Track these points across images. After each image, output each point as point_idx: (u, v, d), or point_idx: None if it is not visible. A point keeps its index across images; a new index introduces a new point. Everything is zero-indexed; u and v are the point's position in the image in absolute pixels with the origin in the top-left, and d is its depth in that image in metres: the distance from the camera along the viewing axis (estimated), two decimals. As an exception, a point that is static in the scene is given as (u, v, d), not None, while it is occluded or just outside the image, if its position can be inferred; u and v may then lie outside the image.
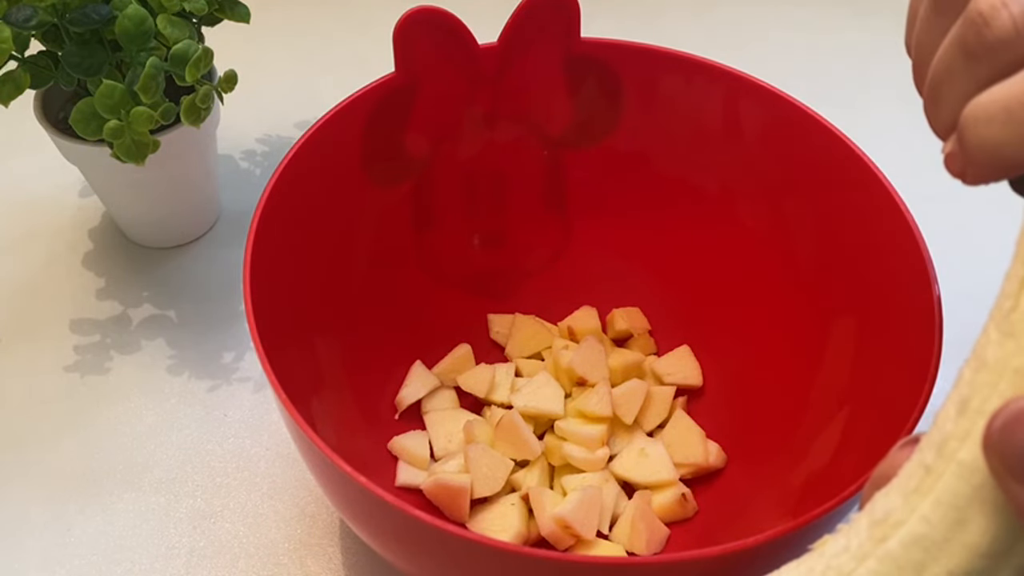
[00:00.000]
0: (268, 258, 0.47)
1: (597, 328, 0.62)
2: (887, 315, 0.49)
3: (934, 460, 0.25)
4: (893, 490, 0.26)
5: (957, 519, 0.24)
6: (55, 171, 0.68)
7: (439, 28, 0.52)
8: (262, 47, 0.79)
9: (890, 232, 0.48)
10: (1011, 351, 0.24)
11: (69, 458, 0.59)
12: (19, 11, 0.55)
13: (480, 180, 0.60)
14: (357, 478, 0.38)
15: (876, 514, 0.26)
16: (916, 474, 0.26)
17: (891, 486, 0.27)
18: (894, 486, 0.26)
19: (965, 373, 0.25)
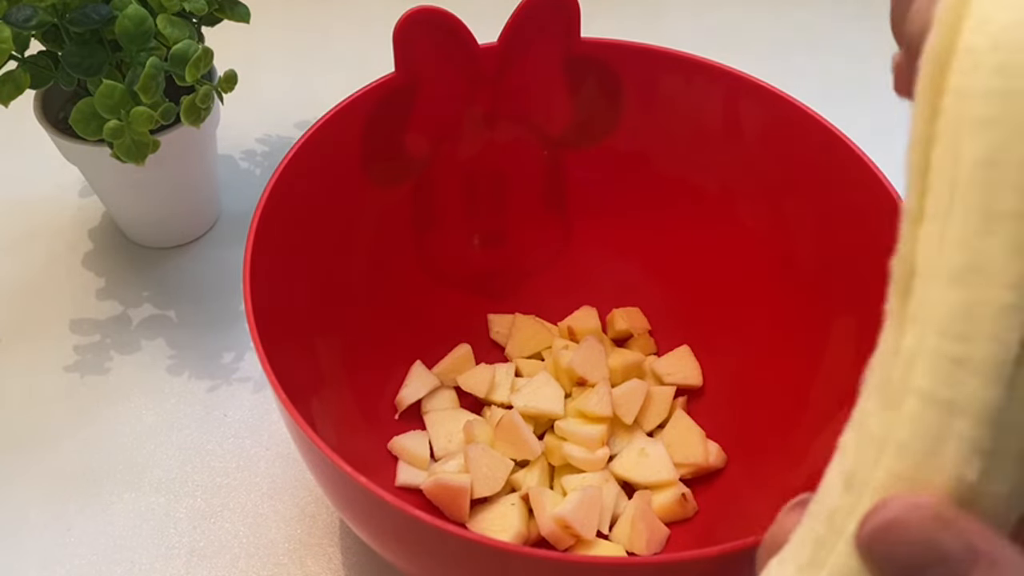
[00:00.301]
0: (268, 258, 0.47)
1: (597, 328, 0.62)
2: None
3: (825, 532, 0.24)
4: (787, 560, 0.26)
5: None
6: (55, 171, 0.68)
7: (439, 28, 0.52)
8: (262, 47, 0.79)
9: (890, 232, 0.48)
10: (892, 423, 0.23)
11: (69, 458, 0.59)
12: (19, 11, 0.55)
13: (480, 180, 0.60)
14: (357, 478, 0.38)
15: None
16: (808, 545, 0.25)
17: (785, 555, 0.26)
18: (788, 556, 0.26)
19: (848, 441, 0.25)
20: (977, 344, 0.21)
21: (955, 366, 0.21)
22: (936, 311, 0.22)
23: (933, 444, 0.22)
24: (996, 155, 0.20)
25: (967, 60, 0.21)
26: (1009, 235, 0.20)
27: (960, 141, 0.21)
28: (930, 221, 0.22)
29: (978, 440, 0.21)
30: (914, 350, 0.22)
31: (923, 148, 0.22)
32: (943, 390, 0.22)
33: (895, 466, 0.22)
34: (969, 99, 0.21)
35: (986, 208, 0.21)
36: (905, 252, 0.23)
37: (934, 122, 0.22)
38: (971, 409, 0.21)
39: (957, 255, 0.21)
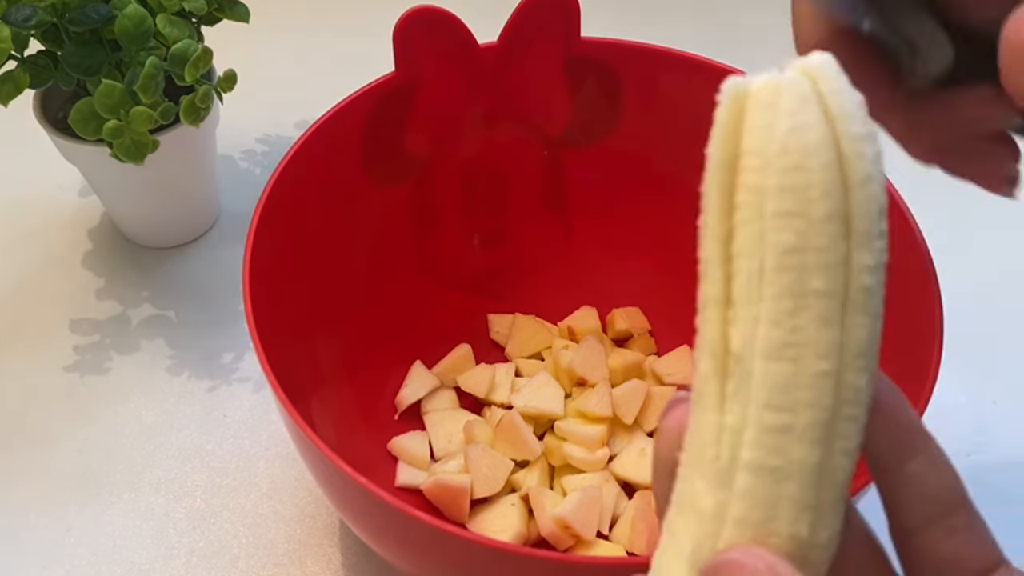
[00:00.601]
0: (268, 258, 0.47)
1: (597, 328, 0.62)
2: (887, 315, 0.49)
3: None
4: None
5: None
6: (54, 171, 0.68)
7: (439, 27, 0.52)
8: (262, 47, 0.79)
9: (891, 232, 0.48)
10: (726, 501, 0.24)
11: (68, 458, 0.59)
12: (19, 11, 0.55)
13: (480, 180, 0.60)
14: (356, 478, 0.37)
15: None
16: None
17: None
18: None
19: (676, 524, 0.25)
20: (798, 413, 0.23)
21: (780, 435, 0.23)
22: (758, 387, 0.23)
23: (767, 512, 0.23)
24: (799, 242, 0.23)
25: (756, 161, 0.23)
26: (818, 310, 0.23)
27: (763, 232, 0.23)
28: (740, 306, 0.24)
29: (805, 499, 0.23)
30: (738, 426, 0.24)
31: (721, 241, 0.24)
32: (771, 459, 0.23)
33: (736, 540, 0.24)
34: (766, 196, 0.23)
35: (796, 289, 0.23)
36: (714, 336, 0.24)
37: (730, 217, 0.24)
38: (797, 473, 0.23)
39: (774, 332, 0.23)
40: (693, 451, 0.25)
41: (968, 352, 0.63)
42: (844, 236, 0.23)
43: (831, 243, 0.23)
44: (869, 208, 0.23)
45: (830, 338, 0.23)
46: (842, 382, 0.23)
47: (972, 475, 0.61)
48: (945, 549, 0.25)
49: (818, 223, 0.23)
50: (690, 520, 0.24)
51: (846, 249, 0.23)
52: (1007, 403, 0.63)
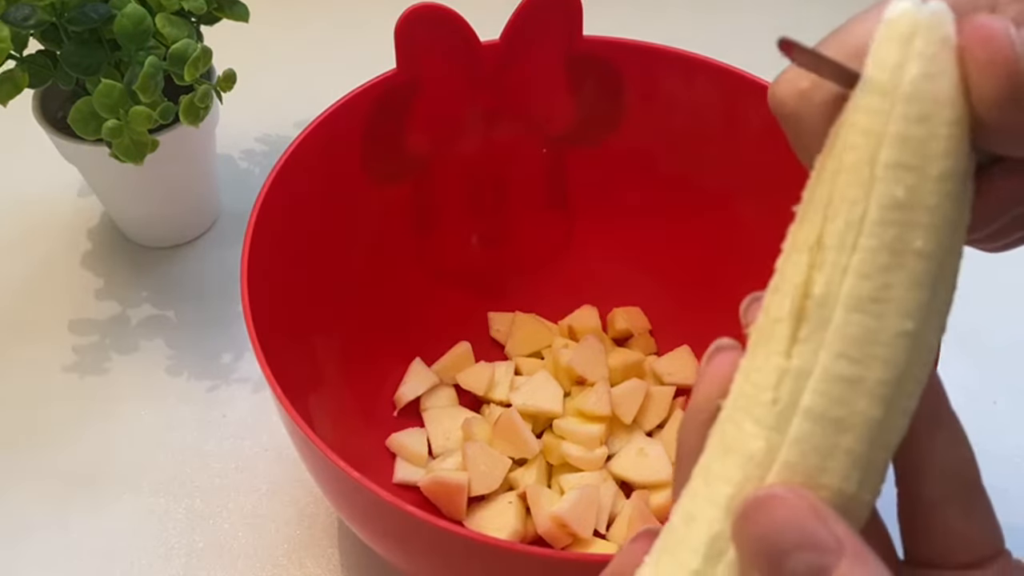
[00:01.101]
0: (266, 257, 0.47)
1: (597, 327, 0.62)
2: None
3: (702, 563, 0.24)
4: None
5: None
6: (54, 171, 0.68)
7: (441, 25, 0.52)
8: (261, 46, 0.79)
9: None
10: (777, 444, 0.23)
11: (68, 459, 0.59)
12: (18, 10, 0.55)
13: (481, 178, 0.60)
14: (352, 474, 0.37)
15: None
16: None
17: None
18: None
19: (713, 467, 0.24)
20: (871, 367, 0.23)
21: (848, 386, 0.23)
22: (834, 335, 0.23)
23: (819, 461, 0.23)
24: (909, 199, 0.22)
25: (878, 102, 0.22)
26: (913, 270, 0.22)
27: (872, 181, 0.22)
28: (832, 251, 0.23)
29: (860, 454, 0.23)
30: (804, 371, 0.23)
31: (828, 182, 0.24)
32: (834, 409, 0.23)
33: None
34: (883, 142, 0.22)
35: (896, 246, 0.22)
36: (796, 279, 0.24)
37: (843, 156, 0.23)
38: (858, 426, 0.23)
39: (863, 285, 0.23)
40: (746, 394, 0.24)
41: (968, 352, 0.63)
42: (957, 199, 0.22)
43: (941, 204, 0.22)
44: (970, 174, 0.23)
45: (919, 299, 0.23)
46: (918, 343, 0.23)
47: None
48: (957, 528, 0.25)
49: (932, 181, 0.22)
50: (733, 464, 0.24)
51: (957, 214, 0.22)
52: (1007, 403, 0.63)
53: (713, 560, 0.24)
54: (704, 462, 0.25)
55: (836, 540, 0.22)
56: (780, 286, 0.24)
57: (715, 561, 0.24)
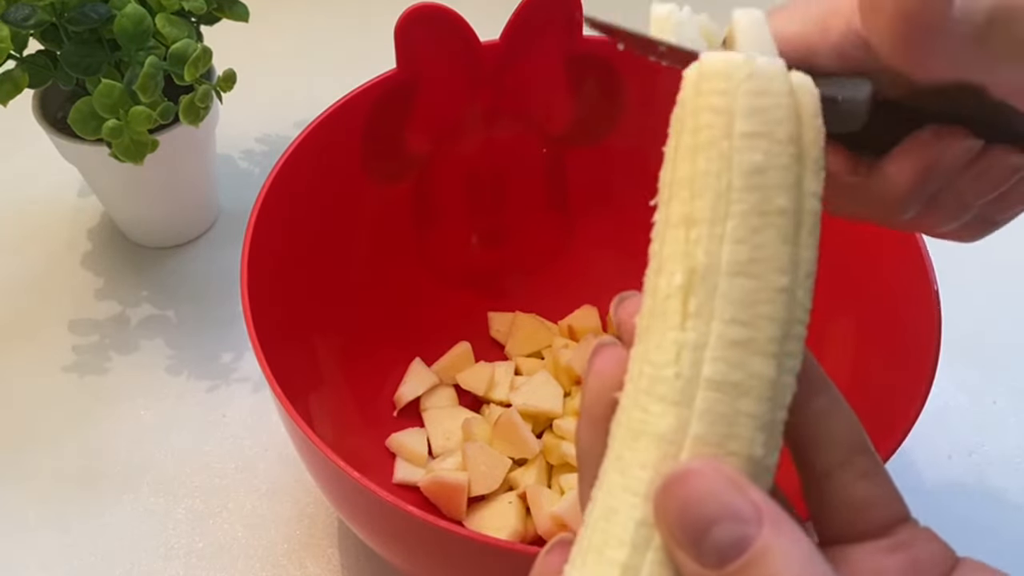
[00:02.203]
0: (266, 257, 0.47)
1: (597, 327, 0.62)
2: (887, 315, 0.49)
3: (628, 553, 0.24)
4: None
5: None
6: (53, 171, 0.68)
7: (441, 25, 0.52)
8: (261, 46, 0.79)
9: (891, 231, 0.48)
10: (686, 419, 0.24)
11: (68, 459, 0.59)
12: (18, 10, 0.55)
13: (481, 178, 0.60)
14: (352, 474, 0.37)
15: None
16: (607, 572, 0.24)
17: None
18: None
19: (625, 456, 0.25)
20: (759, 327, 0.24)
21: (741, 349, 0.24)
22: (722, 302, 0.24)
23: (726, 428, 0.24)
24: (765, 162, 0.24)
25: (723, 85, 0.25)
26: (780, 228, 0.24)
27: (731, 153, 0.24)
28: (706, 224, 0.24)
29: (761, 416, 0.24)
30: (700, 342, 0.24)
31: (689, 159, 0.25)
32: (732, 374, 0.24)
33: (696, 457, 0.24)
34: (735, 117, 0.24)
35: (762, 207, 0.24)
36: (675, 256, 0.25)
37: (697, 135, 0.25)
38: (755, 387, 0.24)
39: (740, 249, 0.24)
40: (647, 376, 0.25)
41: (968, 352, 0.63)
42: (799, 160, 0.25)
43: (790, 164, 0.24)
44: (818, 138, 0.25)
45: (789, 255, 0.24)
46: (794, 299, 0.24)
47: (973, 475, 0.62)
48: (856, 493, 0.26)
49: (781, 144, 0.24)
50: (645, 447, 0.24)
51: (799, 172, 0.25)
52: (1007, 403, 0.63)
53: (641, 548, 0.24)
54: (614, 454, 0.25)
55: (755, 508, 0.22)
56: (663, 266, 0.25)
57: (643, 549, 0.24)
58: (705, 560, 0.22)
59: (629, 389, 0.25)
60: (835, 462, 0.26)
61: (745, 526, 0.22)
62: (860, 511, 0.26)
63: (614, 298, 0.29)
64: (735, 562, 0.22)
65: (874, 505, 0.26)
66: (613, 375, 0.26)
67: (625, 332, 0.27)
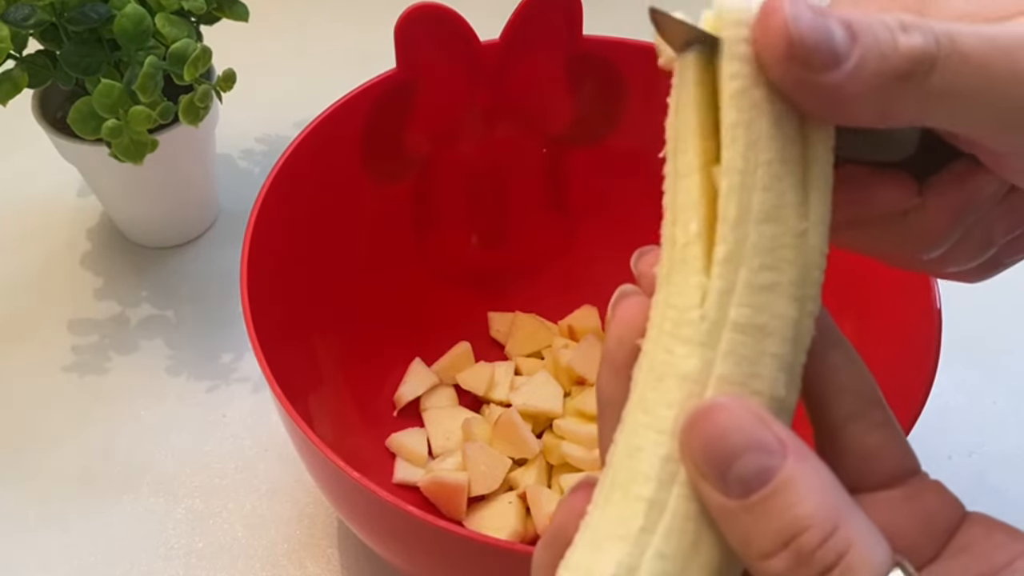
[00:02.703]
0: (266, 257, 0.47)
1: (597, 327, 0.62)
2: (887, 315, 0.49)
3: (654, 490, 0.24)
4: (604, 539, 0.25)
5: (691, 543, 0.24)
6: (53, 170, 0.68)
7: (441, 24, 0.52)
8: (261, 46, 0.79)
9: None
10: (710, 360, 0.24)
11: (67, 459, 0.59)
12: (17, 10, 0.55)
13: (481, 177, 0.60)
14: (352, 474, 0.37)
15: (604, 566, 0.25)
16: (631, 515, 0.24)
17: (595, 536, 0.25)
18: (602, 536, 0.25)
19: (649, 399, 0.25)
20: (782, 270, 0.25)
21: (766, 293, 0.24)
22: (752, 250, 0.25)
23: (750, 368, 0.24)
24: (785, 111, 0.25)
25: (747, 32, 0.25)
26: (795, 174, 0.25)
27: (759, 103, 0.25)
28: (736, 174, 0.25)
29: (784, 356, 0.25)
30: (727, 288, 0.24)
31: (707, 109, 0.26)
32: (757, 317, 0.24)
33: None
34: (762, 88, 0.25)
35: (782, 154, 0.25)
36: (687, 202, 0.26)
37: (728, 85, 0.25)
38: (778, 329, 0.24)
39: (768, 196, 0.24)
40: (670, 319, 0.25)
41: (968, 352, 0.63)
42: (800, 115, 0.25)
43: (792, 118, 0.25)
44: None
45: (805, 199, 0.25)
46: (811, 243, 0.25)
47: (973, 475, 0.62)
48: (868, 442, 0.26)
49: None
50: (670, 387, 0.25)
51: (801, 117, 0.25)
52: (1007, 403, 0.63)
53: (667, 483, 0.24)
54: (637, 396, 0.26)
55: (779, 441, 0.23)
56: (679, 215, 0.26)
57: (669, 484, 0.24)
58: (730, 490, 0.23)
59: (652, 334, 0.26)
60: (849, 413, 0.26)
61: (769, 457, 0.23)
62: (872, 461, 0.26)
63: (634, 253, 0.29)
64: (759, 492, 0.22)
65: (886, 455, 0.26)
66: (635, 322, 0.27)
67: (646, 283, 0.28)
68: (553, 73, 0.57)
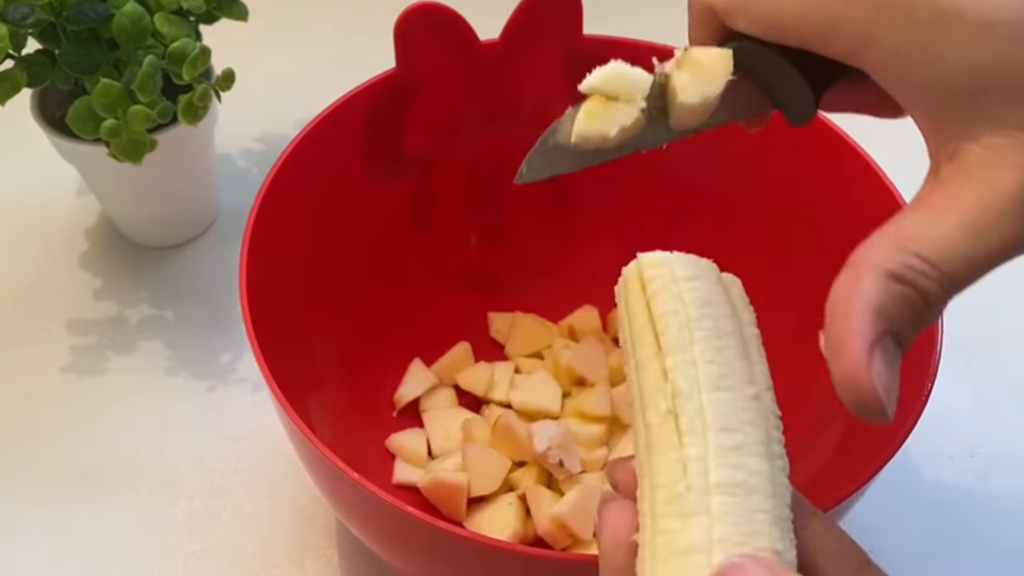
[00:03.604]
0: (265, 257, 0.47)
1: (597, 327, 0.62)
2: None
3: None
4: None
5: None
6: (52, 170, 0.68)
7: (441, 24, 0.52)
8: (260, 45, 0.79)
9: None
10: (708, 525, 0.25)
11: (66, 460, 0.59)
12: (16, 9, 0.55)
13: (480, 177, 0.60)
14: (351, 475, 0.37)
15: None
16: None
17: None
18: None
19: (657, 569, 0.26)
20: (745, 431, 0.27)
21: (737, 452, 0.26)
22: (710, 414, 0.27)
23: (747, 527, 0.25)
24: (709, 296, 0.29)
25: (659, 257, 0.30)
26: (734, 347, 0.28)
27: (681, 294, 0.29)
28: (677, 354, 0.28)
29: (771, 511, 0.26)
30: (701, 454, 0.26)
31: (645, 311, 0.29)
32: (736, 474, 0.26)
33: None
34: (674, 267, 0.30)
35: (717, 331, 0.28)
36: (656, 388, 0.28)
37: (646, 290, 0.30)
38: (758, 486, 0.26)
39: (711, 368, 0.27)
40: (660, 501, 0.27)
41: (970, 353, 0.63)
42: (728, 298, 0.30)
43: (725, 299, 0.29)
44: (740, 291, 0.31)
45: (748, 369, 0.28)
46: (764, 406, 0.28)
47: (975, 475, 0.62)
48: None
49: (713, 284, 0.30)
50: (677, 565, 0.25)
51: (732, 305, 0.30)
52: (1010, 403, 0.63)
53: None
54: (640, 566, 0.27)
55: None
56: (646, 403, 0.28)
57: None
58: None
59: (646, 523, 0.27)
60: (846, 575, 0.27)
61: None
62: None
63: (606, 467, 0.32)
64: None
65: None
66: (625, 522, 0.28)
67: (623, 490, 0.30)
68: (553, 73, 0.56)
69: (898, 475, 0.28)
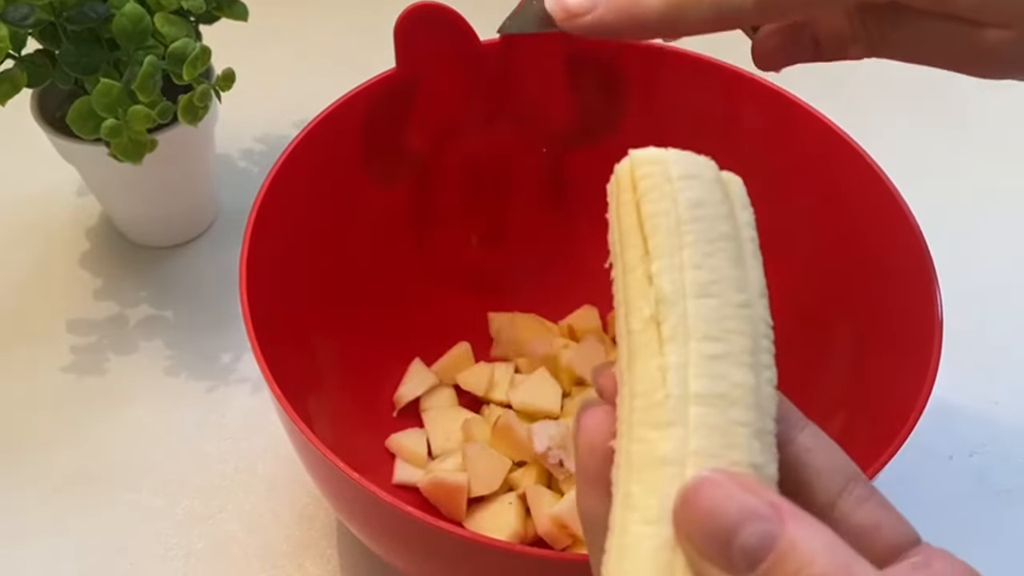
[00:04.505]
0: (265, 257, 0.47)
1: (598, 327, 0.62)
2: (887, 314, 0.49)
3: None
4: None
5: None
6: (52, 170, 0.68)
7: (441, 24, 0.52)
8: (260, 45, 0.79)
9: (892, 231, 0.48)
10: (683, 437, 0.25)
11: (66, 460, 0.59)
12: (16, 9, 0.55)
13: (480, 177, 0.60)
14: (351, 475, 0.37)
15: None
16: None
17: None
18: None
19: (633, 493, 0.25)
20: (730, 340, 0.26)
21: (720, 362, 0.25)
22: (694, 322, 0.26)
23: (724, 439, 0.25)
24: (702, 196, 0.28)
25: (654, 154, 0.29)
26: (727, 251, 0.27)
27: (673, 193, 0.27)
28: (664, 258, 0.27)
29: (752, 424, 0.25)
30: (682, 362, 0.25)
31: (635, 211, 0.28)
32: (717, 385, 0.25)
33: None
34: (667, 165, 0.28)
35: (709, 235, 0.27)
36: (640, 293, 0.27)
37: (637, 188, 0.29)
38: (740, 397, 0.25)
39: (699, 274, 0.26)
40: (637, 410, 0.26)
41: (970, 352, 0.63)
42: (727, 197, 0.29)
43: (722, 199, 0.28)
44: (741, 189, 0.30)
45: (740, 275, 0.27)
46: (755, 314, 0.27)
47: (975, 475, 0.62)
48: (860, 517, 0.26)
49: (710, 183, 0.28)
50: (650, 477, 0.25)
51: (730, 207, 0.28)
52: (1009, 403, 0.63)
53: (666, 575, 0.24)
54: (621, 495, 0.26)
55: (773, 506, 0.23)
56: (630, 308, 0.27)
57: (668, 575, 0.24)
58: (736, 565, 0.22)
59: (623, 429, 0.26)
60: (835, 491, 0.26)
61: (767, 523, 0.22)
62: (869, 537, 0.26)
63: (590, 371, 0.31)
64: (766, 560, 0.22)
65: (882, 529, 0.26)
66: (602, 427, 0.27)
67: (608, 395, 0.29)
68: (553, 73, 0.56)
69: (898, 475, 0.28)
